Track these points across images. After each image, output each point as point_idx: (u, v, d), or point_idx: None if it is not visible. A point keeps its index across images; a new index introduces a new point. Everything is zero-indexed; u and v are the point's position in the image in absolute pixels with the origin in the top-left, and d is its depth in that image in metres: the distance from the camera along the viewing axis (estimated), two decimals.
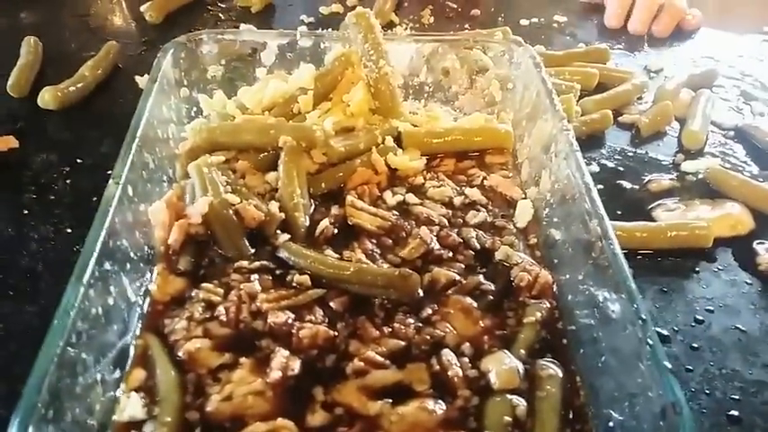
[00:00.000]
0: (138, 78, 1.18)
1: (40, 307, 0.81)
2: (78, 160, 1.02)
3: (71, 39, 1.32)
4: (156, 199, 0.81)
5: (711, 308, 0.85)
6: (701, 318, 0.83)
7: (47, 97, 1.08)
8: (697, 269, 0.90)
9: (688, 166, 1.05)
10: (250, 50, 1.00)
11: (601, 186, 1.02)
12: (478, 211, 0.87)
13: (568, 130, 0.82)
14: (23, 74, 1.14)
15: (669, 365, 0.57)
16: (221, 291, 0.75)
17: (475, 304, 0.75)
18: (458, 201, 0.89)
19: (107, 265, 0.66)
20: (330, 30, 1.10)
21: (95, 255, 0.64)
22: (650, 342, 0.59)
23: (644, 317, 0.61)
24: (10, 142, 1.02)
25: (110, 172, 0.98)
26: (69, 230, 0.90)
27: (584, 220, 0.73)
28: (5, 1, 1.42)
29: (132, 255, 0.73)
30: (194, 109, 0.99)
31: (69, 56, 1.24)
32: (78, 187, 0.97)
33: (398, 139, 0.95)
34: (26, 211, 0.93)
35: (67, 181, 0.98)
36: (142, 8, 1.37)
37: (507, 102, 1.01)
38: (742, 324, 0.83)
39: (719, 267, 0.90)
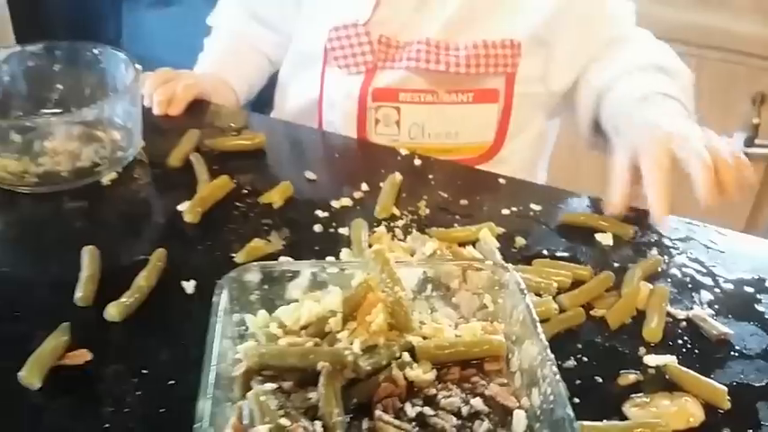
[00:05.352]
0: (184, 284, 1.39)
1: None
2: (143, 371, 1.21)
3: (120, 243, 1.54)
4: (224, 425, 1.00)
5: None
6: None
7: (111, 311, 1.29)
8: None
9: (650, 360, 1.28)
10: (287, 276, 1.22)
11: (579, 381, 1.24)
12: (483, 420, 1.08)
13: (551, 361, 1.04)
14: (89, 286, 1.35)
15: None
16: None
17: None
18: (465, 410, 1.09)
19: None
20: (352, 260, 1.38)
21: None
22: None
23: None
24: (85, 356, 1.22)
25: (171, 382, 1.17)
26: None
27: None
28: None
29: None
30: (243, 327, 1.19)
31: (121, 261, 1.46)
32: (147, 399, 1.16)
33: (412, 350, 1.17)
34: (107, 425, 1.12)
35: (137, 393, 1.17)
36: (180, 209, 1.59)
37: (498, 312, 1.24)
38: None
39: None
